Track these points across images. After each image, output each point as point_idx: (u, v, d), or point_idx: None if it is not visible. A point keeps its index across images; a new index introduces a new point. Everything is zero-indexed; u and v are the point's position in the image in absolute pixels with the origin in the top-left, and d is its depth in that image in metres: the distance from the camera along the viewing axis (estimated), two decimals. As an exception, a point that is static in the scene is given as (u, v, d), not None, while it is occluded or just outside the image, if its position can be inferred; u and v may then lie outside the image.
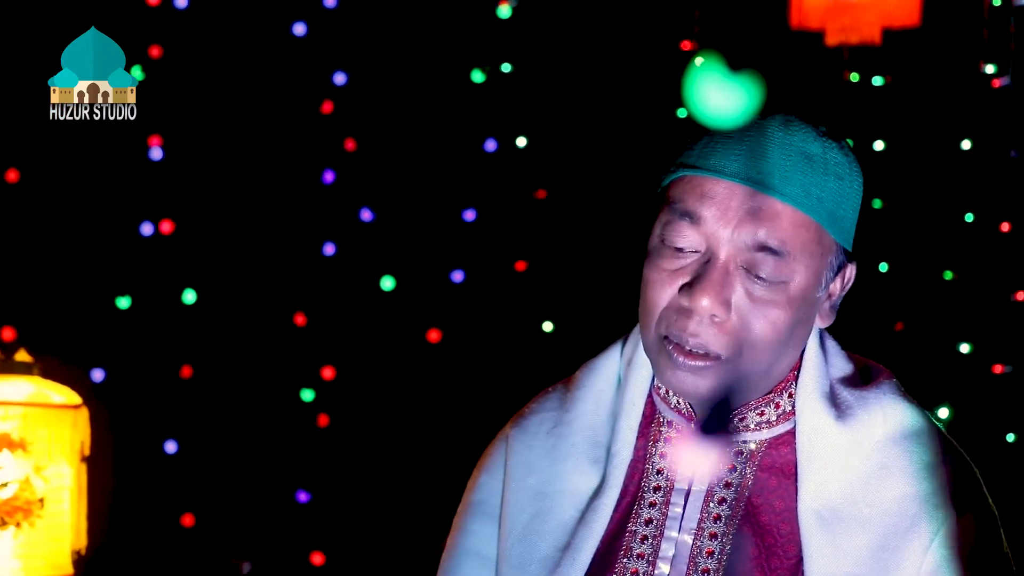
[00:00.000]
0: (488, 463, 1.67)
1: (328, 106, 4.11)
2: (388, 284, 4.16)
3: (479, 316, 4.25)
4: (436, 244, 4.23)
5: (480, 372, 4.19)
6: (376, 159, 4.18)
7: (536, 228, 4.32)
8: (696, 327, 1.47)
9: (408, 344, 4.17)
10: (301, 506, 4.08)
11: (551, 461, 1.61)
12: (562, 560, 1.54)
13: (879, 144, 4.49)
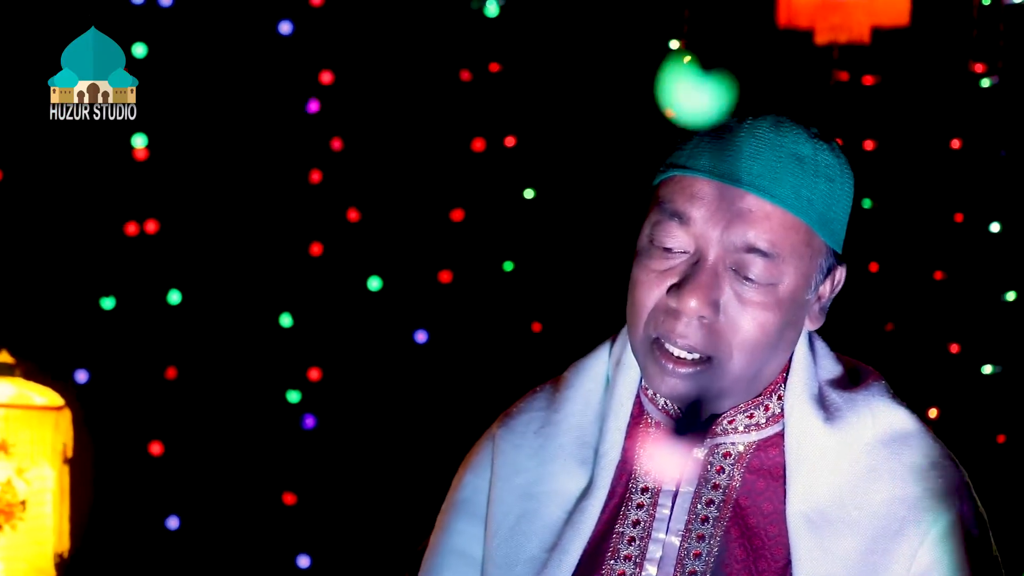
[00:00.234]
0: (474, 462, 1.66)
1: (315, 105, 4.10)
2: (375, 284, 4.15)
3: (467, 316, 4.25)
4: (423, 244, 4.22)
5: (468, 372, 4.19)
6: (363, 159, 4.17)
7: (524, 228, 4.31)
8: (684, 328, 1.46)
9: (395, 345, 4.16)
10: (287, 508, 4.07)
11: (538, 461, 1.60)
12: (549, 561, 1.53)
13: (868, 143, 4.49)
